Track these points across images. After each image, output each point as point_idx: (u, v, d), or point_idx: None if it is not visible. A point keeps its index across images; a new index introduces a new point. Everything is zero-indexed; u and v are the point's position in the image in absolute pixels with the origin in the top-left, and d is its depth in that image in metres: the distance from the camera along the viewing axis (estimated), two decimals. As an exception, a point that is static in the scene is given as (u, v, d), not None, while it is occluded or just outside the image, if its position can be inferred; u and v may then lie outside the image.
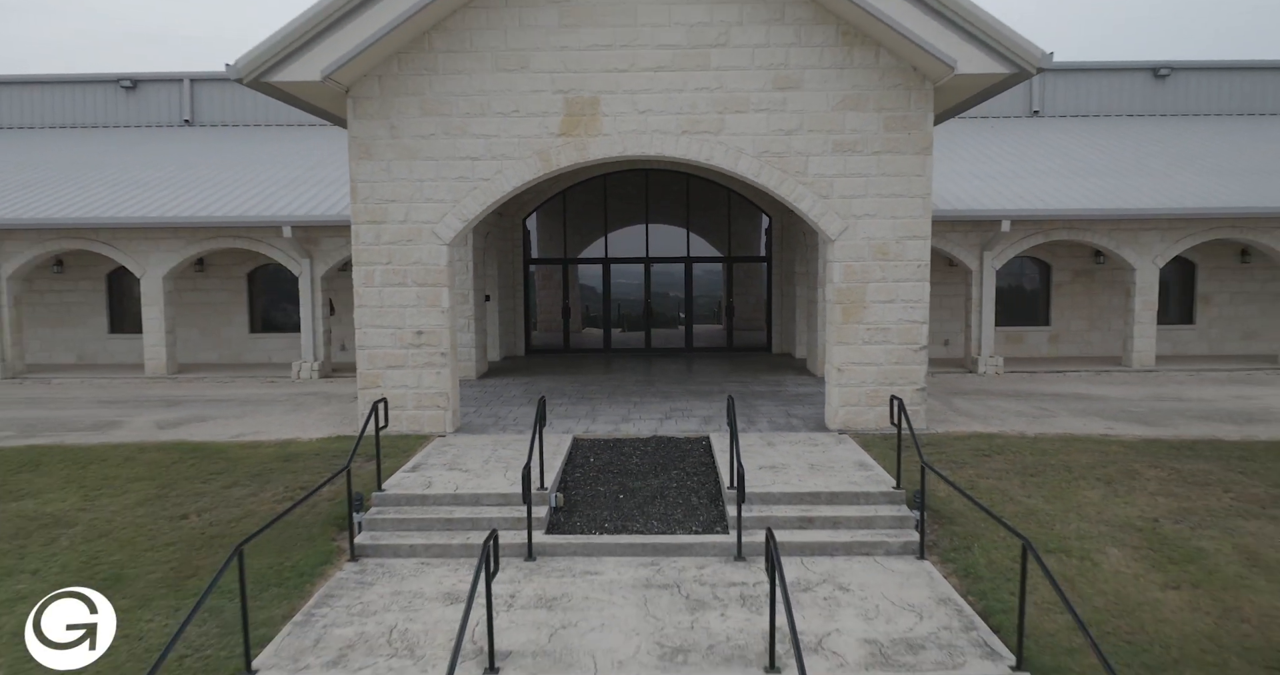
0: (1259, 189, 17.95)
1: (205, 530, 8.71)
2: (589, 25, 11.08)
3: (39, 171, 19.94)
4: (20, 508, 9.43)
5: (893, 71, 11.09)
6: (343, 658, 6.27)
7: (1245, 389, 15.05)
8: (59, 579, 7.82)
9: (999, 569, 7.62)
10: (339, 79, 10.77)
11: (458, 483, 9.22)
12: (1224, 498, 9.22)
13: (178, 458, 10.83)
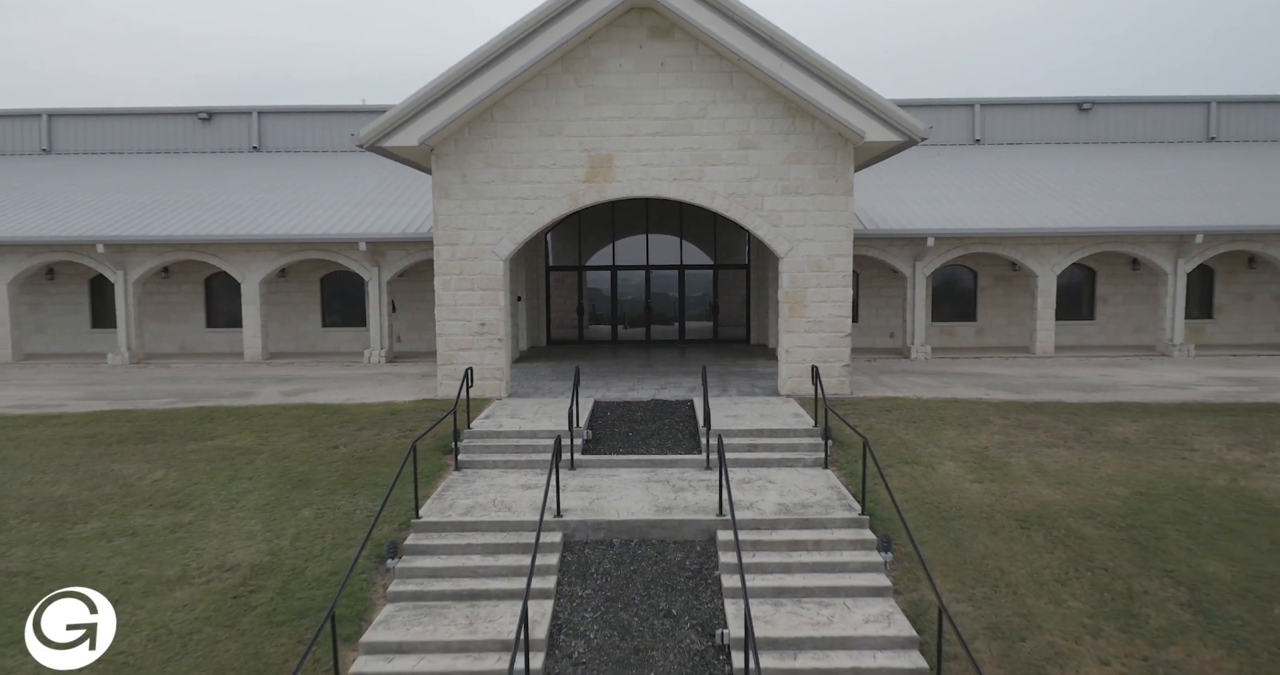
0: (1143, 210, 22.28)
1: (352, 455, 13.03)
2: (606, 103, 15.40)
3: (149, 193, 24.24)
4: (216, 444, 13.74)
5: (824, 136, 15.40)
6: (468, 512, 10.59)
7: (1113, 370, 19.37)
8: (268, 481, 12.12)
9: (870, 472, 11.91)
10: (429, 143, 15.08)
11: (519, 425, 13.54)
12: (1040, 436, 13.54)
13: (313, 413, 15.15)
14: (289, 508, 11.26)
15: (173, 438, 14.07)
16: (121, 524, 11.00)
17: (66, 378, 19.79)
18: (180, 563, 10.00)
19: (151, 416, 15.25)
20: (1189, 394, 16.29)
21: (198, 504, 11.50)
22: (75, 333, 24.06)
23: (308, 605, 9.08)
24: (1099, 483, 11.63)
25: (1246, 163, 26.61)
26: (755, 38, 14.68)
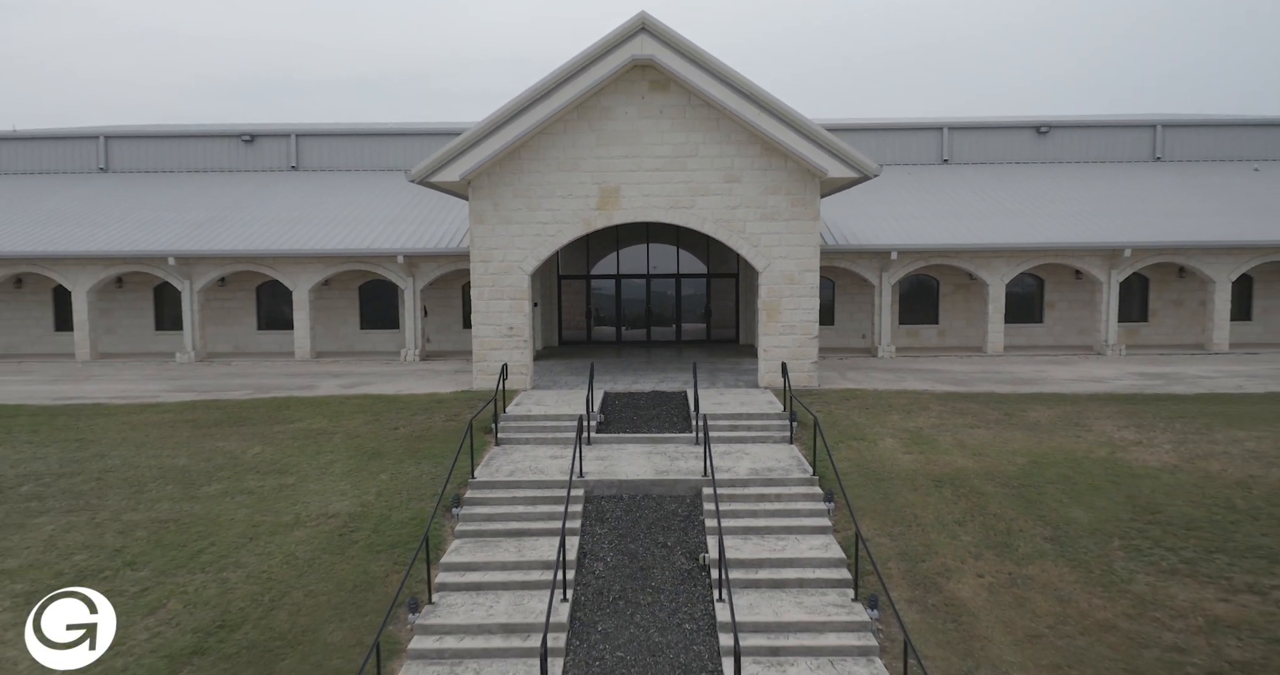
0: (1082, 227, 25.36)
1: (411, 434, 16.12)
2: (614, 144, 18.50)
3: (207, 211, 27.32)
4: (297, 427, 16.83)
5: (796, 172, 18.50)
6: (511, 474, 13.70)
7: (1049, 367, 22.47)
8: (347, 454, 15.20)
9: (839, 444, 14.99)
10: (467, 178, 18.18)
11: (544, 411, 16.63)
12: (968, 419, 16.64)
13: (371, 402, 18.25)
14: (368, 473, 14.36)
15: (259, 422, 17.17)
16: (238, 485, 14.09)
17: (146, 373, 22.90)
18: (293, 512, 13.10)
19: (236, 405, 18.36)
20: (1103, 386, 19.40)
21: (295, 471, 14.60)
22: (141, 334, 27.16)
23: (396, 540, 12.17)
24: (1004, 454, 14.74)
25: (1187, 181, 29.70)
26: (737, 93, 17.79)
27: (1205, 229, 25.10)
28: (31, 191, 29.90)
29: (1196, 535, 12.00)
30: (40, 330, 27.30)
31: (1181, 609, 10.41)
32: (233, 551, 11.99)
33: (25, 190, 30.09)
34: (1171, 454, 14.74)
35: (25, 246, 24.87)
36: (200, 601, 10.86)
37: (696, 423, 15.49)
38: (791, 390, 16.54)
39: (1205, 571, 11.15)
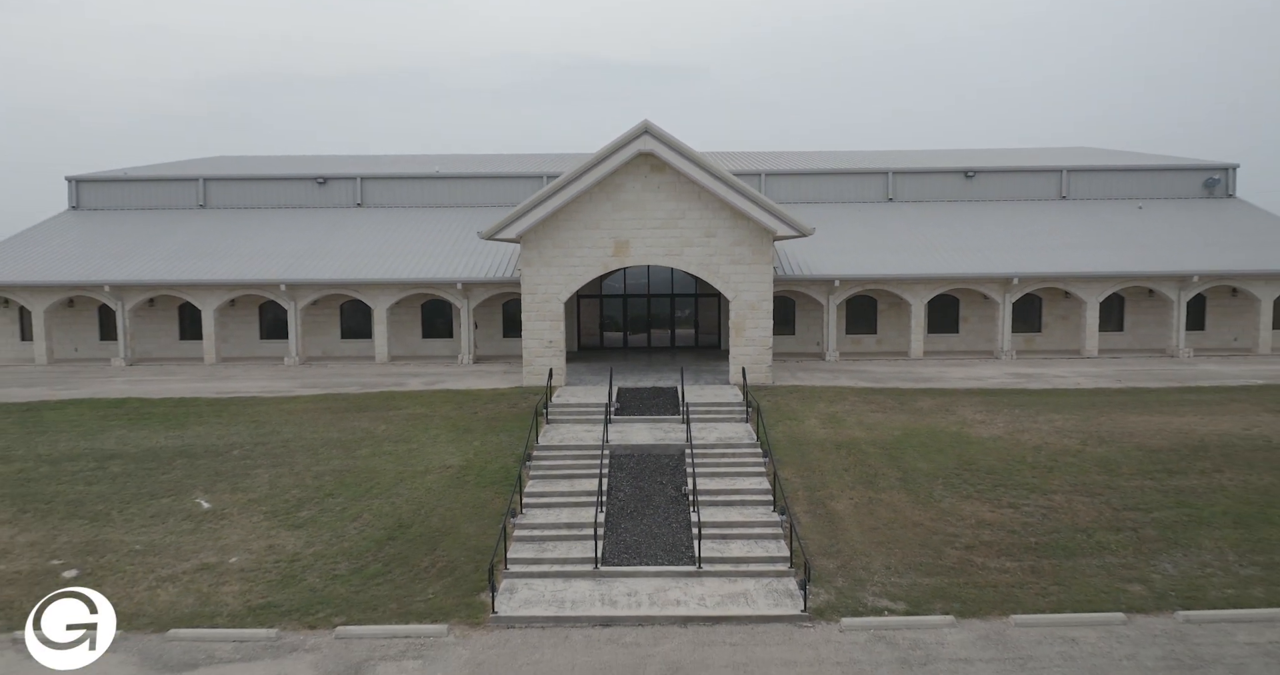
0: (983, 260, 32.53)
1: (488, 416, 23.34)
2: (624, 210, 25.71)
3: (301, 244, 34.45)
4: (404, 412, 24.04)
5: (755, 230, 25.71)
6: (560, 441, 20.95)
7: (950, 368, 29.67)
8: (447, 429, 22.39)
9: (771, 424, 22.17)
10: (521, 235, 25.41)
11: (577, 400, 23.86)
12: (872, 406, 23.87)
13: (452, 395, 25.47)
14: (464, 441, 21.59)
15: (377, 408, 24.40)
16: (380, 450, 21.31)
17: (269, 373, 30.13)
18: (423, 464, 20.32)
19: (355, 397, 25.60)
20: (981, 384, 26.65)
21: (414, 440, 21.84)
22: (249, 342, 34.38)
23: (493, 480, 19.38)
24: (887, 429, 21.97)
25: (1083, 217, 36.87)
26: (712, 175, 25.02)
27: (1080, 262, 32.33)
28: (151, 228, 37.01)
29: (992, 477, 19.23)
30: (169, 339, 34.53)
31: (964, 515, 17.64)
32: (391, 487, 19.21)
33: (146, 225, 37.23)
34: (1000, 429, 21.98)
35: (169, 276, 32.10)
36: (381, 514, 18.08)
37: (683, 409, 22.71)
38: (749, 386, 23.80)
39: (988, 497, 18.38)
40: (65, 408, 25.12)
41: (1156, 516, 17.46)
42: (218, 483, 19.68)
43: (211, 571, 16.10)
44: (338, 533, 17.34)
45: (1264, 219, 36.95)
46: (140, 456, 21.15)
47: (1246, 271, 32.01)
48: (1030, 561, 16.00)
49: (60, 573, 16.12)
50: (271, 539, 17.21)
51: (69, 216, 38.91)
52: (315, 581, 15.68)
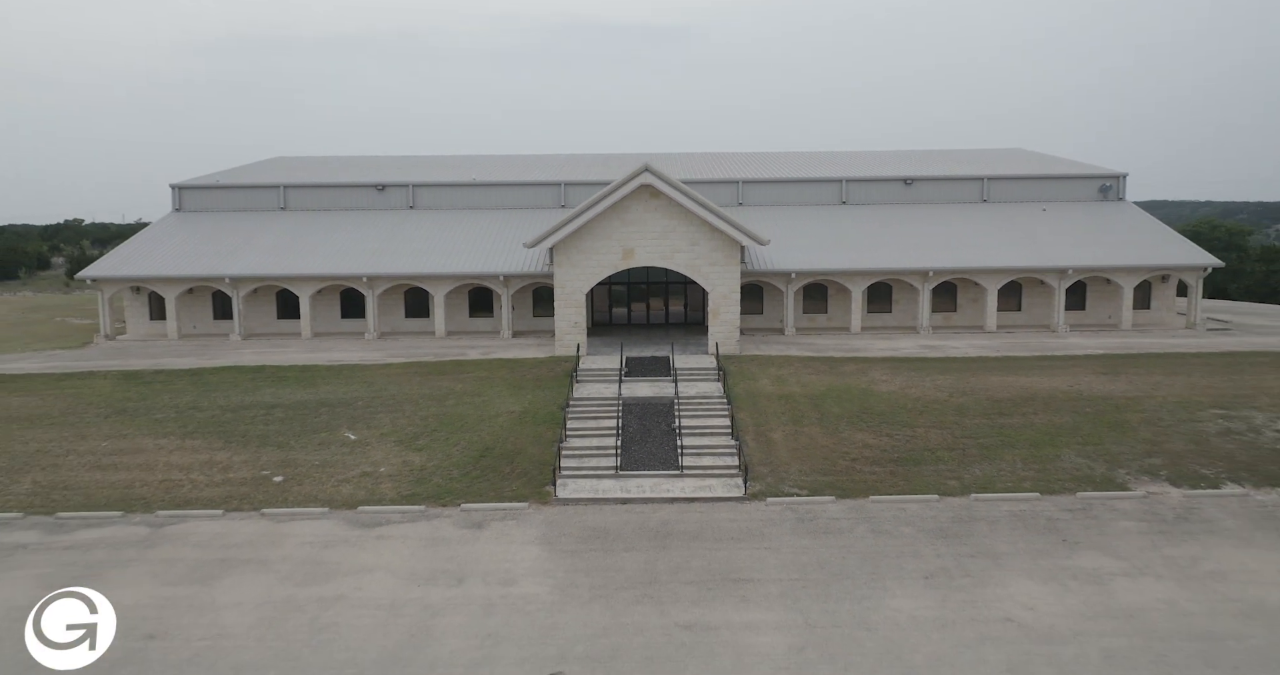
0: (909, 256, 41.30)
1: (534, 377, 32.29)
2: (630, 225, 34.51)
3: (374, 243, 43.09)
4: (473, 375, 33.00)
5: (727, 241, 34.53)
6: (587, 395, 29.94)
7: (876, 342, 38.58)
8: (507, 386, 31.36)
9: (735, 383, 31.12)
10: (555, 245, 34.23)
11: (598, 365, 32.84)
12: (809, 370, 32.86)
13: (505, 362, 34.43)
14: (520, 395, 30.56)
15: (450, 373, 33.34)
16: (461, 401, 30.29)
17: (358, 346, 39.01)
18: (494, 410, 29.29)
19: (432, 364, 34.54)
20: (895, 353, 35.61)
21: (484, 395, 30.80)
22: (332, 320, 43.19)
23: (545, 420, 28.34)
24: (817, 386, 30.95)
25: (997, 218, 45.57)
26: (694, 201, 33.77)
27: (982, 258, 41.16)
28: (247, 227, 45.63)
29: (880, 417, 28.21)
30: (269, 318, 43.35)
31: (855, 441, 26.65)
32: (475, 425, 28.19)
33: (242, 226, 45.83)
34: (896, 386, 30.97)
35: (275, 270, 40.90)
36: (472, 442, 27.08)
37: (673, 372, 31.66)
38: (721, 356, 32.77)
39: (874, 429, 27.34)
40: (220, 372, 34.09)
41: (981, 441, 26.50)
42: (355, 423, 28.69)
43: (370, 477, 25.13)
44: (446, 453, 26.36)
45: (1143, 220, 45.74)
46: (293, 406, 30.14)
47: (1111, 266, 40.92)
48: (890, 468, 25.06)
49: (272, 478, 25.15)
50: (403, 458, 26.23)
51: (175, 218, 47.53)
52: (439, 482, 24.72)
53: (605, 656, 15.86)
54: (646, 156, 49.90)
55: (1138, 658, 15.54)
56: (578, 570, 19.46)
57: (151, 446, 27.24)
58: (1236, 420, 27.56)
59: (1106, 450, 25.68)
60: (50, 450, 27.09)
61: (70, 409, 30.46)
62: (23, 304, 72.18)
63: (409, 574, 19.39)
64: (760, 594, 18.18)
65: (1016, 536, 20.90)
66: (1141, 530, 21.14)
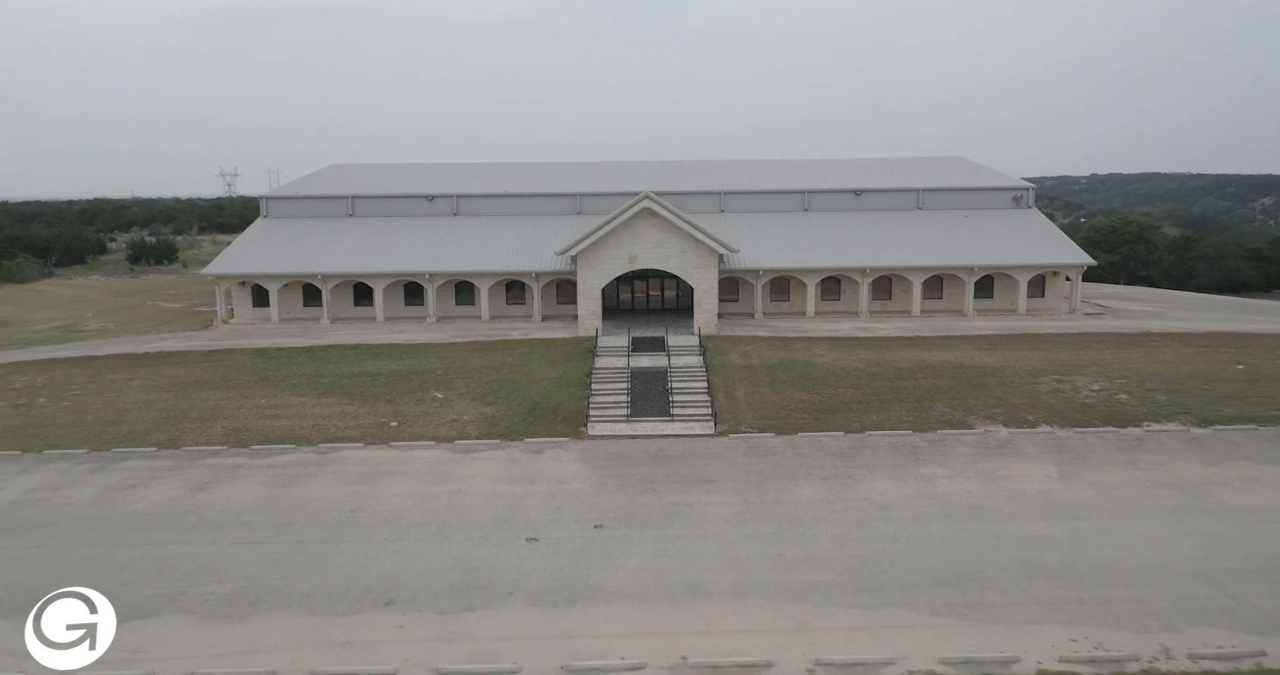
0: (854, 256, 51.95)
1: (564, 352, 43.10)
2: (634, 238, 45.19)
3: (427, 243, 53.66)
4: (519, 351, 43.82)
5: (707, 250, 45.23)
6: (604, 366, 40.79)
7: (824, 324, 49.36)
8: (546, 359, 42.19)
9: (711, 357, 41.89)
10: (578, 254, 44.93)
11: (611, 344, 43.67)
12: (768, 347, 43.70)
13: (542, 341, 45.24)
14: (556, 365, 41.38)
15: (501, 350, 44.16)
16: (514, 370, 41.10)
17: (421, 328, 49.76)
18: (539, 376, 40.09)
19: (486, 343, 45.35)
20: (835, 334, 46.43)
21: (530, 365, 41.65)
22: (397, 307, 53.85)
23: (575, 383, 39.14)
24: (772, 359, 41.78)
25: (927, 223, 56.16)
26: (682, 220, 44.43)
27: (908, 258, 51.82)
28: (326, 230, 56.15)
29: (815, 381, 39.02)
30: (348, 305, 54.01)
31: (795, 398, 37.46)
32: (526, 387, 39.00)
33: (322, 229, 56.35)
34: (830, 359, 41.79)
35: (357, 268, 51.56)
36: (526, 399, 37.91)
37: (667, 349, 42.49)
38: (703, 336, 43.62)
39: (809, 389, 38.15)
40: (328, 349, 44.88)
41: (881, 398, 37.33)
42: (439, 386, 39.50)
43: (458, 422, 35.97)
44: (508, 406, 37.17)
45: (1042, 225, 56.42)
46: (390, 374, 40.97)
47: (1009, 264, 51.65)
48: (815, 415, 35.91)
49: (389, 423, 35.99)
50: (478, 409, 37.08)
51: (265, 224, 58.10)
52: (506, 425, 35.55)
53: (624, 518, 26.80)
54: (647, 165, 61.16)
55: (934, 516, 26.49)
56: (605, 475, 30.43)
57: (296, 403, 38.11)
58: (1065, 383, 38.46)
59: (966, 403, 36.60)
60: (224, 406, 37.95)
61: (226, 377, 41.27)
62: (107, 289, 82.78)
63: (498, 478, 30.35)
64: (719, 488, 29.15)
65: (887, 457, 31.86)
66: (970, 453, 32.10)
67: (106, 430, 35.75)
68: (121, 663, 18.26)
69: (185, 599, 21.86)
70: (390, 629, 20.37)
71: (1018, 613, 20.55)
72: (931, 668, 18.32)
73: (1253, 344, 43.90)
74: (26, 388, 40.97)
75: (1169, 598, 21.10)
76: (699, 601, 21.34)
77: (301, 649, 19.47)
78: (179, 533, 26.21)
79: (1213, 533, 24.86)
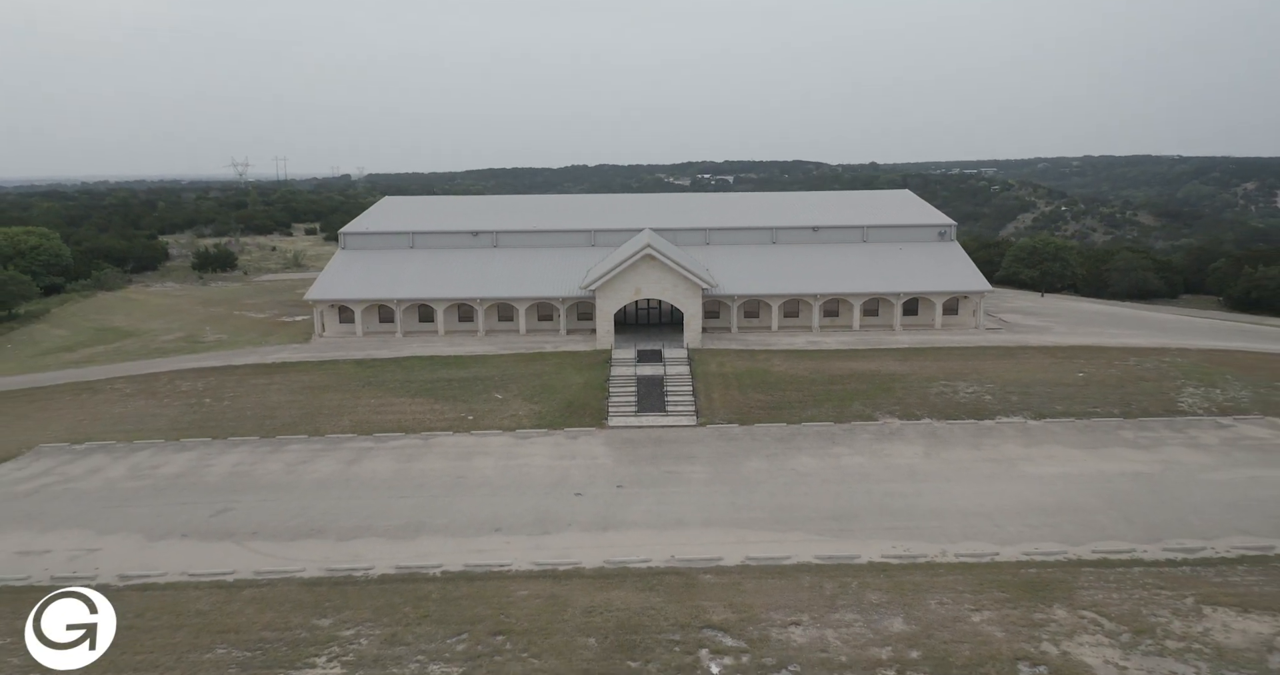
0: (812, 282, 65.71)
1: (589, 362, 56.93)
2: (639, 277, 58.94)
3: (475, 272, 67.33)
4: (550, 361, 57.64)
5: (693, 285, 59.00)
6: (617, 372, 54.70)
7: (783, 338, 63.19)
8: (575, 367, 56.05)
9: (696, 367, 55.70)
10: (596, 289, 58.77)
11: (622, 356, 57.49)
12: (739, 359, 57.55)
13: (569, 353, 59.05)
14: (582, 372, 55.21)
15: (539, 361, 58.00)
16: (552, 376, 54.94)
17: (474, 341, 63.60)
18: (570, 381, 53.94)
19: (527, 355, 59.22)
20: (791, 347, 60.28)
21: (561, 372, 55.47)
22: (452, 323, 67.57)
23: (598, 387, 52.91)
24: (741, 368, 55.57)
25: (870, 253, 69.85)
26: (674, 262, 58.16)
27: (848, 285, 65.58)
28: (394, 261, 69.81)
29: (770, 386, 52.87)
30: (413, 321, 67.72)
31: (755, 399, 51.35)
32: (561, 390, 52.82)
33: (390, 260, 70.00)
34: (785, 368, 55.65)
35: (423, 294, 65.33)
36: (562, 398, 51.75)
37: (663, 360, 56.35)
38: (690, 349, 57.51)
39: (765, 392, 52.04)
40: (410, 360, 58.69)
41: (815, 398, 51.16)
42: (498, 389, 53.34)
43: (516, 416, 49.79)
44: (550, 405, 51.00)
45: (958, 256, 70.15)
46: (461, 380, 54.81)
47: (926, 290, 65.46)
48: (768, 411, 49.74)
49: (466, 417, 49.87)
50: (529, 407, 50.96)
51: (344, 255, 71.77)
52: (551, 418, 49.42)
53: (635, 481, 40.72)
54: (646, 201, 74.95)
55: (834, 479, 40.40)
56: (621, 454, 44.37)
57: (397, 402, 52.01)
58: (949, 387, 52.38)
59: (875, 402, 50.52)
60: (345, 404, 51.84)
61: (339, 382, 55.12)
62: (192, 298, 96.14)
63: (550, 455, 44.29)
64: (698, 462, 43.07)
65: (812, 441, 45.81)
66: (870, 439, 46.03)
67: (265, 422, 49.69)
68: (350, 559, 32.35)
69: (372, 529, 35.87)
70: (501, 543, 34.38)
71: (867, 534, 34.57)
72: (809, 561, 32.31)
73: (1099, 356, 57.79)
74: (192, 391, 54.85)
75: (958, 526, 35.13)
76: (681, 529, 35.36)
77: (453, 554, 33.46)
78: (350, 492, 40.20)
79: (1005, 490, 38.90)
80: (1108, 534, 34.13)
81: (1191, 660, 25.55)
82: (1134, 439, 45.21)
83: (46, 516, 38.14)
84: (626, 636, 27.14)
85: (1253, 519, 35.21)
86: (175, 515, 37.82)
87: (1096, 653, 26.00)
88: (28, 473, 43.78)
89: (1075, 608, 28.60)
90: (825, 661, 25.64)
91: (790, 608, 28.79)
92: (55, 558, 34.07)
